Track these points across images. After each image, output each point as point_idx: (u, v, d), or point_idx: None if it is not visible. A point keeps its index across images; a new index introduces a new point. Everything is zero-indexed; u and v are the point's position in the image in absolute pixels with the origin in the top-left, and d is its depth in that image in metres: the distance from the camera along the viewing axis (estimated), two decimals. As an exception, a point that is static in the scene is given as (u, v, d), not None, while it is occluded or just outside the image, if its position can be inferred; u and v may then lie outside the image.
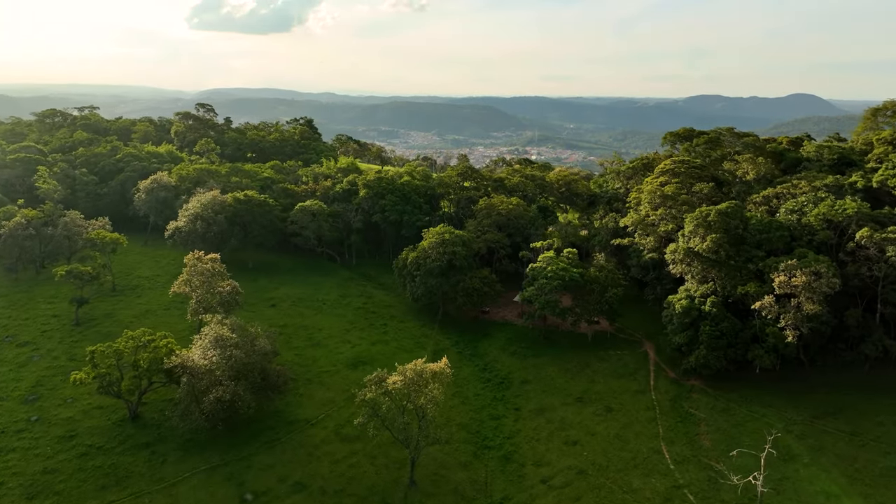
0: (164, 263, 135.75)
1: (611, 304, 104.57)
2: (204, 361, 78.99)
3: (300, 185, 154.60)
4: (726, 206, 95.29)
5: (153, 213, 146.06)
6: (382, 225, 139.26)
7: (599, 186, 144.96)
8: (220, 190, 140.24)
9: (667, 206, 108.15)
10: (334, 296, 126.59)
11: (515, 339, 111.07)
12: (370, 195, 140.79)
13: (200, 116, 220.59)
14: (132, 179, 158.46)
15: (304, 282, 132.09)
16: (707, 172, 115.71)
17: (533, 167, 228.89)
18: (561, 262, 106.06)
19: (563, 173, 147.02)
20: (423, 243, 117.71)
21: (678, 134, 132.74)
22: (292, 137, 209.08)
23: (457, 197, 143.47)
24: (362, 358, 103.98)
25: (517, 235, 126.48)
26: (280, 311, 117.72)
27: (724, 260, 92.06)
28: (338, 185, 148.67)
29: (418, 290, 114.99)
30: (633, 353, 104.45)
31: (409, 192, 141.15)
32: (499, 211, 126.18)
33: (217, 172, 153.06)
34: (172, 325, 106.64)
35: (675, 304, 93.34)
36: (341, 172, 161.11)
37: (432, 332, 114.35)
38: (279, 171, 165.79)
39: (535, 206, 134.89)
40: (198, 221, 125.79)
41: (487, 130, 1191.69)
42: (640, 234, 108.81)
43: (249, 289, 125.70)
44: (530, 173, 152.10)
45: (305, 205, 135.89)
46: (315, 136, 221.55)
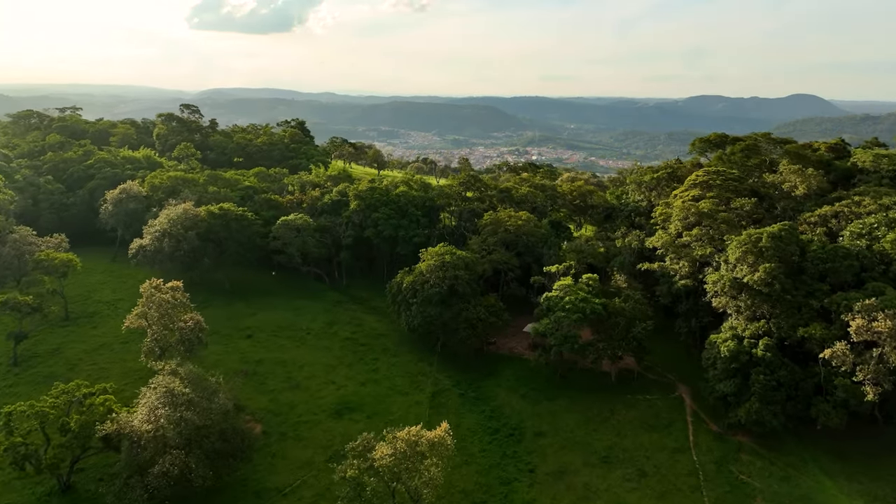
0: (130, 285, 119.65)
1: (639, 340, 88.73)
2: (148, 426, 63.20)
3: (285, 195, 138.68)
4: (779, 229, 79.39)
5: (121, 227, 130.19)
6: (375, 241, 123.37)
7: (618, 198, 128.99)
8: (194, 201, 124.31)
9: (703, 226, 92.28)
10: (320, 323, 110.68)
11: (526, 378, 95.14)
12: (362, 207, 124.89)
13: (185, 118, 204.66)
14: (102, 188, 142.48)
15: (286, 306, 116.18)
16: (746, 185, 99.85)
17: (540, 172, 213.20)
18: (580, 290, 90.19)
19: (577, 183, 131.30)
20: (421, 265, 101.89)
21: (709, 140, 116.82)
22: (281, 141, 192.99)
23: (458, 209, 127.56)
24: (349, 403, 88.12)
25: (527, 255, 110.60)
26: (256, 343, 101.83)
27: (779, 294, 76.17)
28: (326, 196, 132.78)
29: (415, 319, 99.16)
30: (666, 399, 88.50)
31: (406, 205, 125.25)
32: (506, 227, 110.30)
33: (193, 181, 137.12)
34: (128, 364, 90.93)
35: (721, 346, 77.45)
36: (331, 181, 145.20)
37: (430, 369, 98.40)
38: (264, 178, 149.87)
39: (547, 220, 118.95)
40: (165, 239, 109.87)
41: (488, 131, 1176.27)
42: (671, 257, 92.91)
43: (223, 315, 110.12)
44: (539, 182, 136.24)
45: (289, 219, 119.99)
46: (306, 139, 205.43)
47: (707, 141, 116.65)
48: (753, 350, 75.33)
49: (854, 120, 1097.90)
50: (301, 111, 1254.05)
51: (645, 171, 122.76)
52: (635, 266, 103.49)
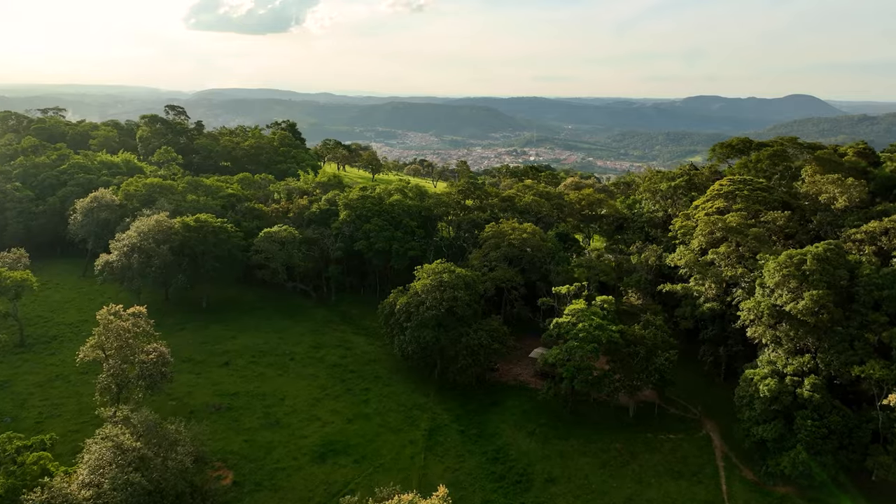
0: (98, 304, 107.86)
1: (661, 372, 78.25)
2: (87, 493, 52.46)
3: (270, 203, 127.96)
4: (824, 249, 68.96)
5: (92, 239, 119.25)
6: (367, 254, 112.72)
7: (629, 207, 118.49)
8: (170, 211, 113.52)
9: (731, 242, 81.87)
10: (305, 346, 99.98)
11: (534, 412, 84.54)
12: (352, 218, 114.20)
13: (170, 120, 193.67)
14: (75, 195, 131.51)
15: (269, 327, 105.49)
16: (776, 196, 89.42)
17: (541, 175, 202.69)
18: (594, 315, 79.66)
19: (585, 192, 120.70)
20: (416, 284, 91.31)
21: (731, 145, 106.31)
22: (270, 144, 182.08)
23: (457, 219, 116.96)
24: (334, 443, 77.35)
25: (533, 272, 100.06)
26: (233, 372, 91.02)
27: (827, 325, 65.81)
28: (315, 205, 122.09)
29: (409, 345, 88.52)
30: (692, 439, 78.06)
31: (400, 215, 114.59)
32: (510, 241, 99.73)
33: (171, 189, 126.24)
34: (85, 399, 79.81)
35: (760, 384, 66.93)
36: (320, 188, 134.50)
37: (427, 401, 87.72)
38: (249, 185, 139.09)
39: (553, 232, 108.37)
40: (134, 254, 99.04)
41: (485, 131, 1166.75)
42: (696, 278, 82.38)
43: (198, 339, 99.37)
44: (544, 190, 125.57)
45: (272, 231, 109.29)
46: (296, 142, 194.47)
47: (729, 146, 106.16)
48: (798, 390, 64.92)
49: (852, 120, 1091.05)
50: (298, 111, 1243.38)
51: (660, 179, 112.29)
52: (654, 285, 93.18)
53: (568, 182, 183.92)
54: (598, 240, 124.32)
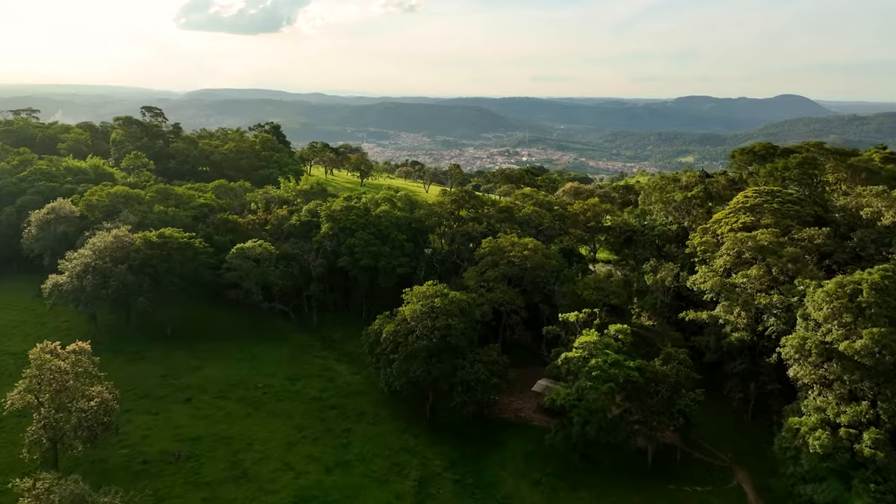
0: (50, 328, 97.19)
1: (686, 414, 67.58)
2: None
3: (247, 214, 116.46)
4: (881, 277, 58.39)
5: (48, 255, 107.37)
6: (351, 271, 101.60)
7: (638, 218, 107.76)
8: (133, 225, 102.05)
9: (763, 264, 71.29)
10: (280, 377, 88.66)
11: (539, 457, 73.65)
12: (335, 231, 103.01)
13: (146, 122, 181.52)
14: (35, 204, 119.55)
15: (241, 354, 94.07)
16: (808, 210, 78.90)
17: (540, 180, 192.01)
18: (608, 348, 68.91)
19: (590, 202, 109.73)
20: (404, 310, 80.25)
21: (752, 152, 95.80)
22: (251, 148, 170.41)
23: (451, 232, 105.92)
24: (310, 500, 66.32)
25: (535, 293, 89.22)
26: (196, 411, 79.56)
27: (889, 368, 55.32)
28: (295, 216, 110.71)
29: (397, 380, 77.39)
30: (722, 491, 67.47)
31: (388, 228, 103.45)
32: (509, 258, 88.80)
33: (138, 198, 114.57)
34: (19, 448, 68.43)
35: (808, 437, 56.28)
36: (302, 197, 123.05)
37: (417, 443, 76.62)
38: (225, 193, 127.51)
39: (557, 247, 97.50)
40: (87, 275, 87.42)
41: (478, 131, 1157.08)
42: (724, 305, 71.68)
43: (159, 370, 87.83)
44: (545, 199, 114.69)
45: (245, 247, 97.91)
46: (279, 145, 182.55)
47: (751, 152, 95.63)
48: (856, 445, 54.38)
49: (842, 120, 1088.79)
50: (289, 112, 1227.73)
51: (672, 189, 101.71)
52: (671, 308, 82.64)
53: (567, 188, 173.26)
54: (603, 252, 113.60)
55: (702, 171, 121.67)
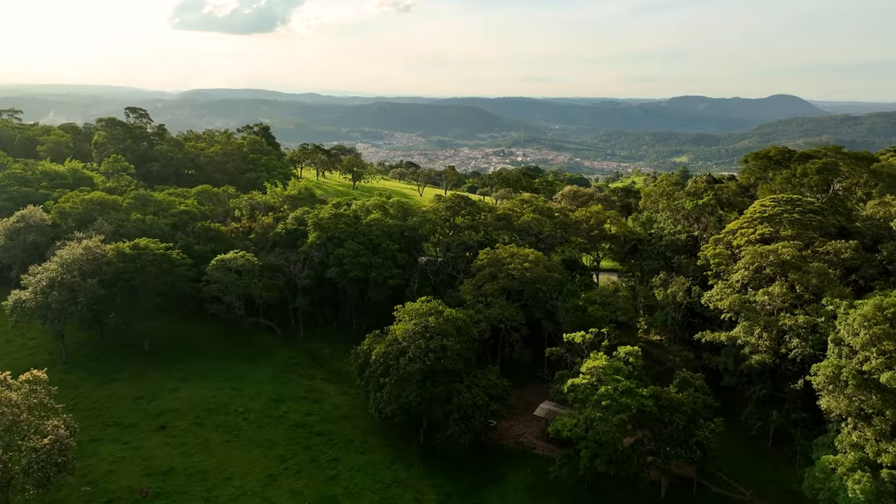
0: (16, 346, 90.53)
1: (704, 446, 61.36)
2: None
3: (230, 222, 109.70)
4: (924, 297, 52.35)
5: (17, 266, 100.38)
6: (340, 283, 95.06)
7: (644, 226, 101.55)
8: (108, 234, 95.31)
9: (786, 280, 65.19)
10: (263, 400, 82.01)
11: (543, 489, 67.38)
12: (322, 241, 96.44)
13: (130, 124, 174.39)
14: (6, 211, 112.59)
15: (221, 373, 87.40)
16: (832, 220, 72.82)
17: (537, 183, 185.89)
18: (618, 373, 62.65)
19: (593, 208, 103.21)
20: (396, 329, 73.82)
21: (767, 156, 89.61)
22: (239, 150, 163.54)
23: (446, 241, 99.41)
24: (291, 544, 59.96)
25: (536, 308, 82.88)
26: (170, 439, 72.83)
27: (937, 403, 49.24)
28: (280, 224, 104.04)
29: (387, 406, 70.95)
30: (744, 532, 61.51)
31: (379, 237, 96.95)
32: (508, 271, 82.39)
33: (115, 205, 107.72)
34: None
35: (847, 479, 50.11)
36: (289, 203, 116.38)
37: (409, 476, 70.15)
38: (208, 199, 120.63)
39: (559, 258, 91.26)
40: (53, 291, 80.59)
41: (472, 131, 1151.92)
42: (745, 325, 65.49)
43: (132, 392, 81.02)
44: (544, 206, 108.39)
45: (227, 258, 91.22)
46: (268, 147, 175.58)
47: (765, 157, 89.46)
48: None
49: (835, 120, 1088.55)
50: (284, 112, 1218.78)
51: (680, 194, 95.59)
52: (683, 326, 76.51)
53: (565, 191, 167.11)
54: (607, 261, 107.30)
55: (708, 175, 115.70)
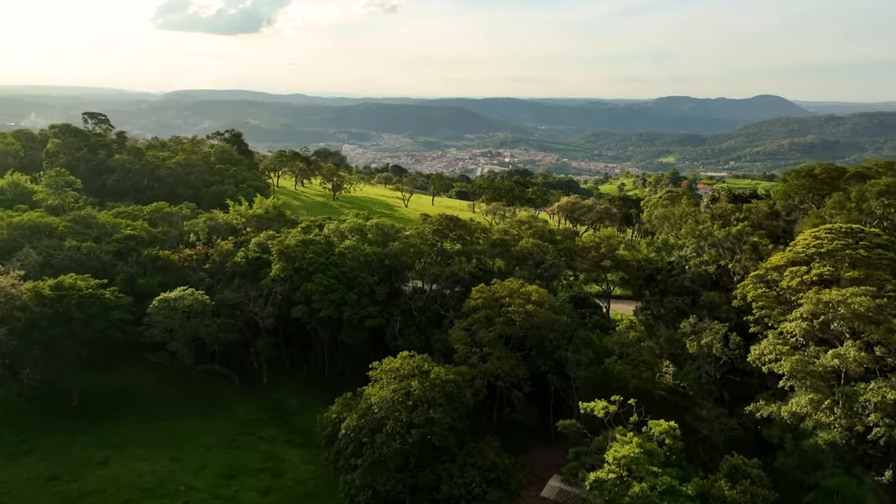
0: (-86, 407, 74.84)
1: (765, 558, 47.30)
2: None
3: (182, 248, 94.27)
4: None
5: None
6: (309, 324, 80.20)
7: (659, 251, 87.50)
8: (30, 269, 79.68)
9: (860, 337, 51.34)
10: (211, 474, 66.74)
11: None
12: (288, 273, 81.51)
13: (87, 131, 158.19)
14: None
15: (164, 435, 72.07)
16: (904, 255, 59.09)
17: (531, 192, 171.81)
18: (653, 460, 48.51)
19: (604, 231, 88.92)
20: (370, 394, 59.22)
21: (813, 175, 75.91)
22: (206, 160, 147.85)
23: (434, 272, 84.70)
24: None
25: (542, 358, 68.48)
26: (88, 539, 57.80)
27: None
28: (241, 252, 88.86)
29: (361, 493, 56.22)
30: None
31: (354, 268, 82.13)
32: (508, 314, 67.87)
33: (49, 228, 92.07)
34: None
35: None
36: (255, 224, 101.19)
37: (389, 583, 55.57)
38: (162, 218, 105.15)
39: (566, 294, 76.91)
40: (-51, 345, 65.09)
41: (460, 132, 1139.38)
42: (813, 398, 51.41)
43: (50, 467, 65.35)
44: (545, 228, 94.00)
45: (171, 297, 75.99)
46: (239, 157, 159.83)
47: (809, 176, 75.74)
48: None
49: (819, 120, 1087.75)
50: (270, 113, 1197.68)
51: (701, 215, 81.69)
52: (720, 383, 62.52)
53: (563, 203, 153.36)
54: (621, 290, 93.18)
55: (728, 191, 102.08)
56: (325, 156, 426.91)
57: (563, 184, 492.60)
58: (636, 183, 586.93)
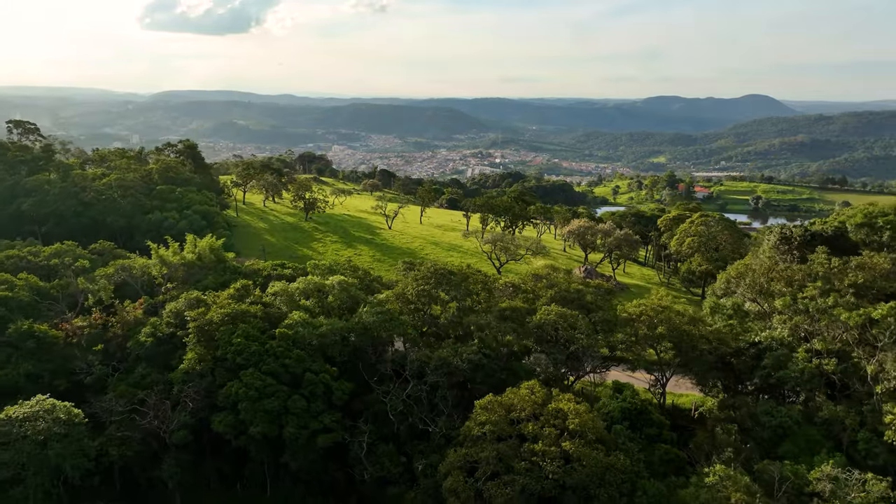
0: None
1: None
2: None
3: (73, 316, 67.44)
4: None
5: None
6: (234, 440, 53.96)
7: (730, 324, 61.60)
8: None
9: None
10: None
11: None
12: (207, 367, 55.30)
13: (8, 143, 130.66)
14: None
15: None
16: None
17: (533, 210, 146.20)
18: None
19: (654, 298, 62.83)
20: None
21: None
22: (148, 176, 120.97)
23: (418, 358, 58.42)
24: None
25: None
26: None
27: None
28: (149, 325, 62.36)
29: None
30: None
31: (301, 360, 55.78)
32: (532, 455, 41.99)
33: None
34: None
35: None
36: (183, 275, 74.58)
37: None
38: (64, 268, 78.23)
39: (616, 404, 51.01)
40: None
41: (450, 133, 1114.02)
42: None
43: None
44: (567, 285, 67.88)
45: (15, 415, 49.42)
46: (190, 174, 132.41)
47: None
48: None
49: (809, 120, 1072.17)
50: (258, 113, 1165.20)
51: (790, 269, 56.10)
52: None
53: (573, 227, 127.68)
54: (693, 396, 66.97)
55: (804, 230, 76.53)
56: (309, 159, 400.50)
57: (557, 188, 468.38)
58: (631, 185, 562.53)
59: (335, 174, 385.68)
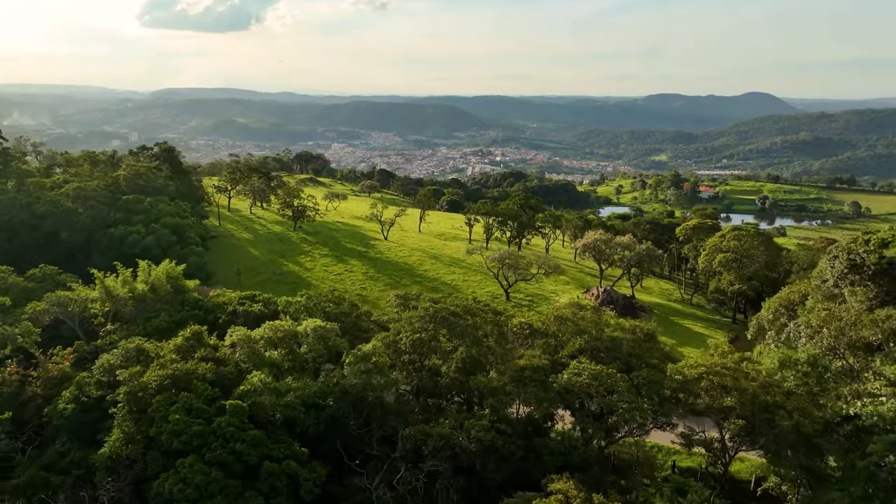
0: None
1: None
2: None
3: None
4: None
5: None
6: (173, 551, 40.37)
7: (804, 382, 48.10)
8: None
9: None
10: None
11: None
12: (137, 449, 41.66)
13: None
14: None
15: None
16: None
17: (541, 218, 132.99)
18: None
19: (714, 349, 49.11)
20: None
21: None
22: (114, 184, 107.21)
23: (413, 434, 44.92)
24: None
25: None
26: None
27: None
28: (73, 387, 48.74)
29: None
30: None
31: (257, 445, 42.20)
32: None
33: None
34: None
35: None
36: (131, 310, 60.97)
37: None
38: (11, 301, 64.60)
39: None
40: None
41: (450, 130, 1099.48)
42: None
43: None
44: (599, 331, 54.34)
45: None
46: (166, 181, 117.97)
47: None
48: None
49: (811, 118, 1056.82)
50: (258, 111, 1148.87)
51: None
52: None
53: (588, 241, 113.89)
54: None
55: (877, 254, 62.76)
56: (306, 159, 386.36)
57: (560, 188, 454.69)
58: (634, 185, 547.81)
59: (333, 174, 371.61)
